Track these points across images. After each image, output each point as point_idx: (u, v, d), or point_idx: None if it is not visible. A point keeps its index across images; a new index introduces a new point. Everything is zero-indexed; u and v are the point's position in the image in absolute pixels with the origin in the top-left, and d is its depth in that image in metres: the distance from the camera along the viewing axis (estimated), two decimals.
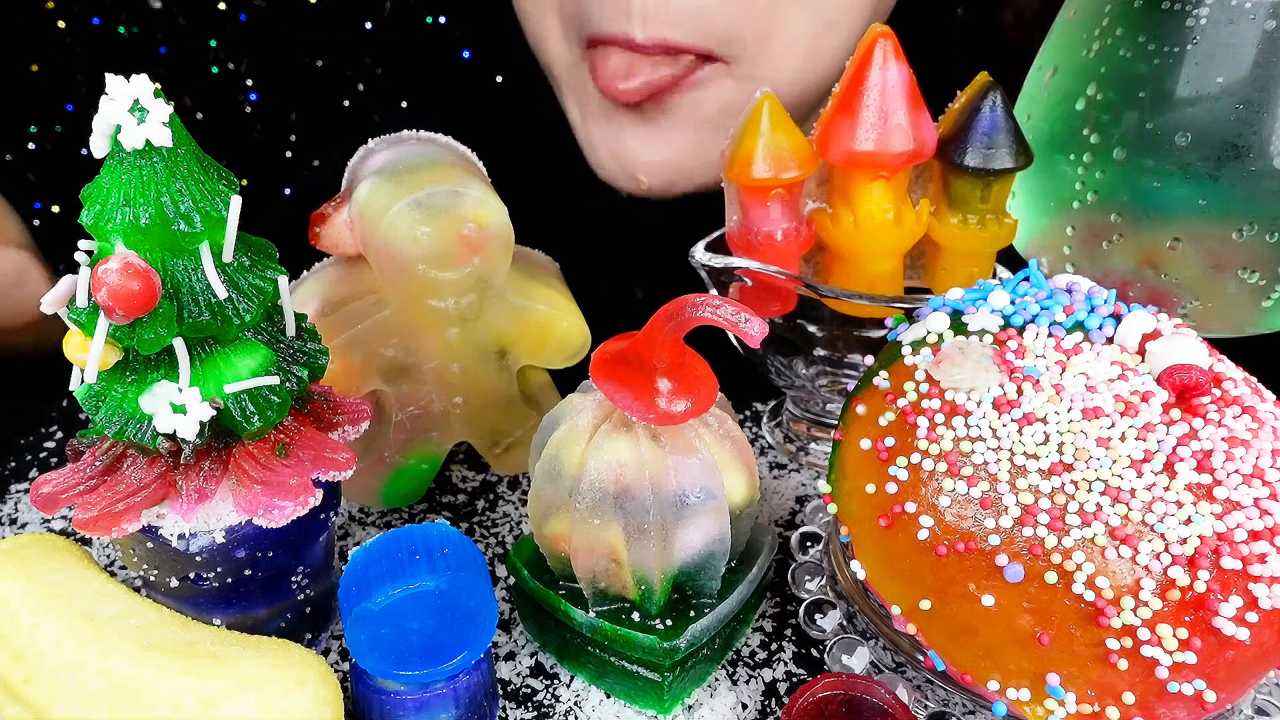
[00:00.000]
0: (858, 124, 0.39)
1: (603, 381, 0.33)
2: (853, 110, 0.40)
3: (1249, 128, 0.36)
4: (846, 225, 0.41)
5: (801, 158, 0.40)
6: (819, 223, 0.43)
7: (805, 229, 0.42)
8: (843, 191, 0.42)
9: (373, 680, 0.32)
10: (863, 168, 0.40)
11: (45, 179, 0.57)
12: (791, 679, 0.37)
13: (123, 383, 0.31)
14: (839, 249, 0.42)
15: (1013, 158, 0.39)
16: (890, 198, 0.41)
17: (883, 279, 0.43)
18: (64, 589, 0.32)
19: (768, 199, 0.41)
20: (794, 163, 0.40)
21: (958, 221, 0.41)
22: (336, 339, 0.39)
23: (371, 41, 0.65)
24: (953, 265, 0.43)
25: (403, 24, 0.48)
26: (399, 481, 0.44)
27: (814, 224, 0.43)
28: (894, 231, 0.41)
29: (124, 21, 0.56)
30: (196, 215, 0.29)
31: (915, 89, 0.40)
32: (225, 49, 0.57)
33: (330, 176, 0.43)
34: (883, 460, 0.32)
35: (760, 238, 0.41)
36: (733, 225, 0.43)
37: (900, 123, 0.39)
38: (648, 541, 0.33)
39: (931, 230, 0.42)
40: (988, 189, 0.40)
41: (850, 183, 0.41)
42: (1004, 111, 0.39)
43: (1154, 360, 0.31)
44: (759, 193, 0.41)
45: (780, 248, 0.42)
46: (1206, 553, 0.28)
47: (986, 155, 0.39)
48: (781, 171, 0.40)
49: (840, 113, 0.40)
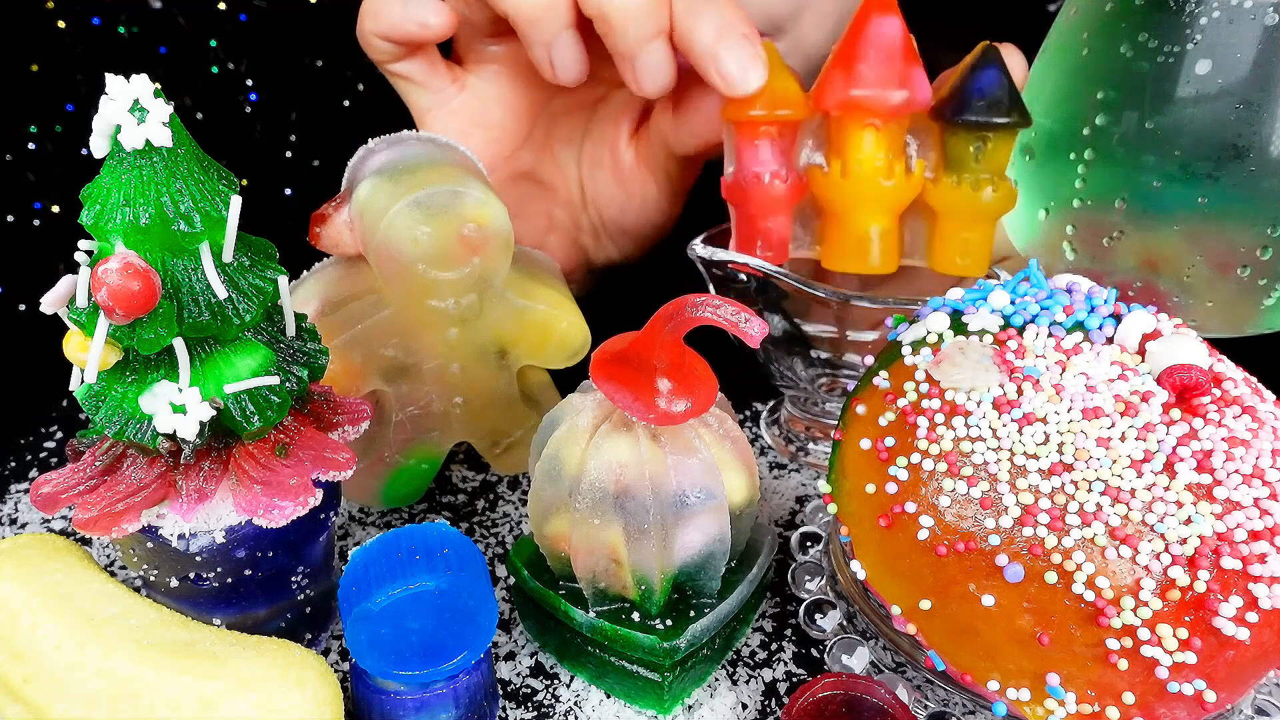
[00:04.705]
0: (851, 72, 0.40)
1: (603, 381, 0.33)
2: (848, 61, 0.41)
3: (1249, 128, 0.36)
4: (835, 174, 0.42)
5: (792, 99, 0.41)
6: (812, 177, 0.43)
7: (796, 177, 0.43)
8: (836, 143, 0.42)
9: (373, 680, 0.32)
10: (853, 113, 0.41)
11: (45, 179, 0.57)
12: (791, 679, 0.37)
13: (123, 383, 0.31)
14: (829, 202, 0.43)
15: (1007, 114, 0.40)
16: (881, 148, 0.41)
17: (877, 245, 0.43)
18: (64, 589, 0.32)
19: (757, 137, 0.42)
20: (785, 102, 0.41)
21: (953, 182, 0.42)
22: (336, 339, 0.39)
23: None
24: (949, 233, 0.43)
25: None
26: (399, 481, 0.44)
27: (808, 178, 0.43)
28: (883, 185, 0.42)
29: (124, 21, 0.56)
30: (196, 215, 0.29)
31: (911, 45, 0.41)
32: (225, 49, 0.57)
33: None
34: (883, 460, 0.32)
35: (749, 179, 0.42)
36: (728, 175, 0.44)
37: (892, 71, 0.40)
38: (648, 541, 0.33)
39: (928, 195, 0.42)
40: (982, 147, 0.41)
41: (843, 132, 0.42)
42: (1002, 72, 0.40)
43: (1154, 360, 0.31)
44: (750, 130, 0.42)
45: (769, 191, 0.42)
46: (1206, 553, 0.28)
47: (980, 109, 0.40)
48: (772, 109, 0.41)
49: (835, 64, 0.41)
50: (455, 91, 0.48)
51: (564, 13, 0.42)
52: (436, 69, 0.48)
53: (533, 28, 0.42)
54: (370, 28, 0.45)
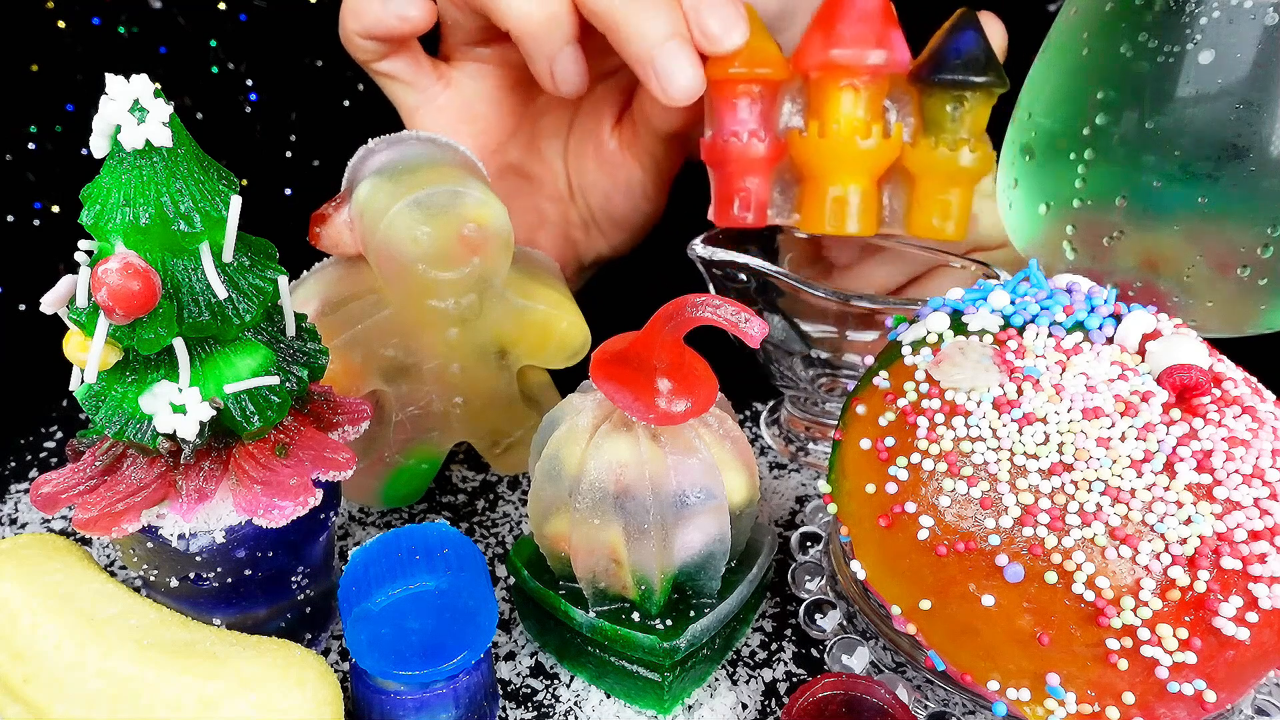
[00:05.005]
0: (830, 33, 0.41)
1: (603, 381, 0.33)
2: (827, 23, 0.41)
3: (1249, 128, 0.36)
4: (813, 135, 0.42)
5: (771, 59, 0.42)
6: (791, 140, 0.43)
7: (775, 139, 0.43)
8: (814, 104, 0.43)
9: (373, 680, 0.32)
10: (832, 74, 0.41)
11: (45, 179, 0.57)
12: (791, 679, 0.37)
13: (123, 383, 0.31)
14: (807, 165, 0.43)
15: (983, 73, 0.40)
16: (860, 109, 0.42)
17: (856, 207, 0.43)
18: (64, 589, 0.32)
19: (736, 96, 0.42)
20: (764, 61, 0.41)
21: (930, 143, 0.42)
22: (336, 339, 0.39)
23: None
24: (926, 195, 0.43)
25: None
26: (399, 481, 0.44)
27: (787, 142, 0.43)
28: (861, 145, 0.42)
29: (124, 21, 0.56)
30: (196, 215, 0.29)
31: (889, 7, 0.41)
32: (225, 49, 0.57)
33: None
34: (883, 460, 0.32)
35: (728, 137, 0.43)
36: (707, 137, 0.44)
37: (871, 32, 0.41)
38: (648, 541, 0.33)
39: (906, 159, 0.43)
40: (959, 108, 0.41)
41: (821, 93, 0.42)
42: (979, 34, 0.40)
43: (1154, 360, 0.31)
44: (729, 89, 0.42)
45: (747, 150, 0.42)
46: (1206, 553, 0.28)
47: (956, 68, 0.40)
48: (752, 66, 0.41)
49: (815, 27, 0.42)
50: (441, 89, 0.49)
51: (567, 28, 0.42)
52: (421, 67, 0.48)
53: (536, 44, 0.43)
54: (353, 27, 0.45)
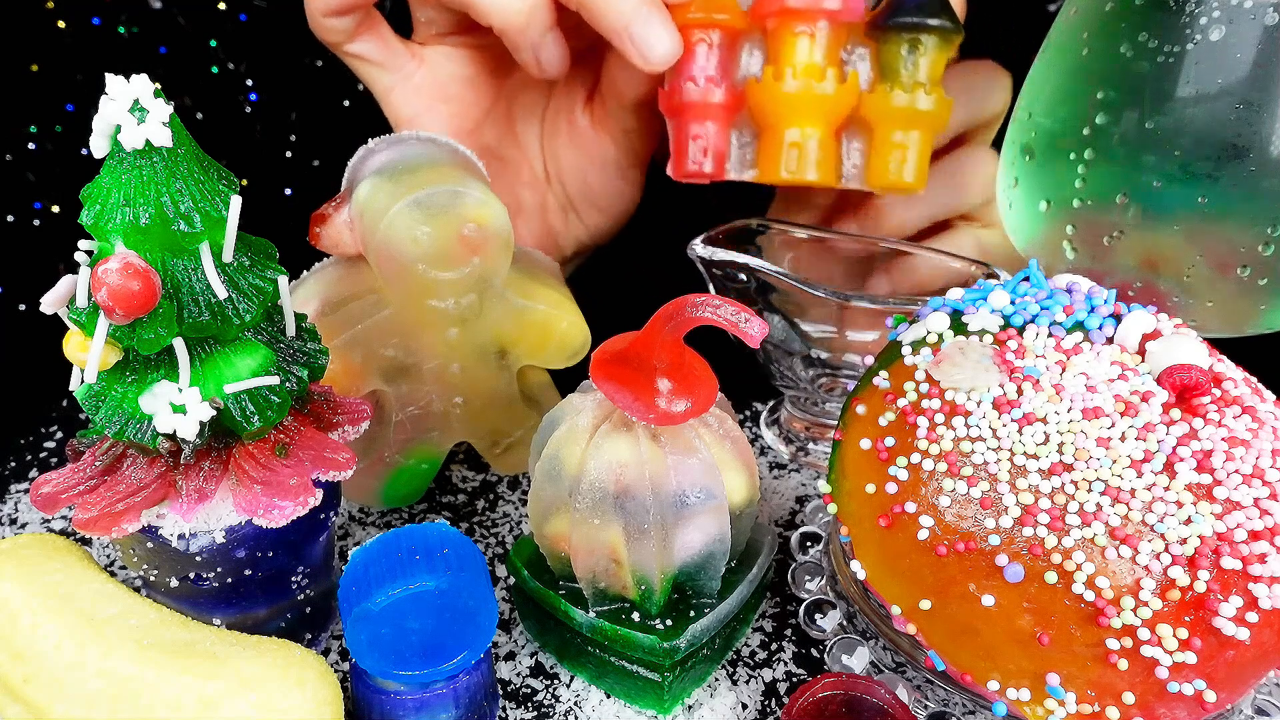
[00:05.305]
0: None
1: (603, 381, 0.33)
2: None
3: (1249, 128, 0.36)
4: (769, 80, 0.43)
5: (729, 5, 0.42)
6: (749, 89, 0.44)
7: (733, 87, 0.43)
8: (772, 51, 0.43)
9: (373, 680, 0.32)
10: (789, 19, 0.42)
11: (45, 179, 0.57)
12: (791, 679, 0.37)
13: (123, 383, 0.31)
14: (765, 113, 0.43)
15: (937, 15, 0.41)
16: (814, 53, 0.42)
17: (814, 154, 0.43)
18: (64, 589, 0.32)
19: (694, 42, 0.43)
20: (721, 7, 0.42)
21: (886, 88, 0.42)
22: (336, 339, 0.39)
23: None
24: (882, 141, 0.43)
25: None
26: (399, 481, 0.44)
27: (745, 91, 0.44)
28: (817, 90, 0.42)
29: (124, 21, 0.56)
30: (196, 215, 0.29)
31: None
32: (225, 49, 0.57)
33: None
34: (883, 460, 0.32)
35: (684, 83, 0.43)
36: (665, 86, 0.44)
37: None
38: (648, 541, 0.33)
39: (864, 107, 0.43)
40: (914, 51, 0.41)
41: (778, 39, 0.42)
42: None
43: (1154, 360, 0.31)
44: (684, 34, 0.42)
45: (705, 96, 0.43)
46: (1206, 553, 0.28)
47: (910, 11, 0.41)
48: (709, 11, 0.42)
49: None
50: (415, 67, 0.49)
51: (547, 16, 0.43)
52: (392, 47, 0.48)
53: (520, 34, 0.43)
54: (316, 6, 0.45)
